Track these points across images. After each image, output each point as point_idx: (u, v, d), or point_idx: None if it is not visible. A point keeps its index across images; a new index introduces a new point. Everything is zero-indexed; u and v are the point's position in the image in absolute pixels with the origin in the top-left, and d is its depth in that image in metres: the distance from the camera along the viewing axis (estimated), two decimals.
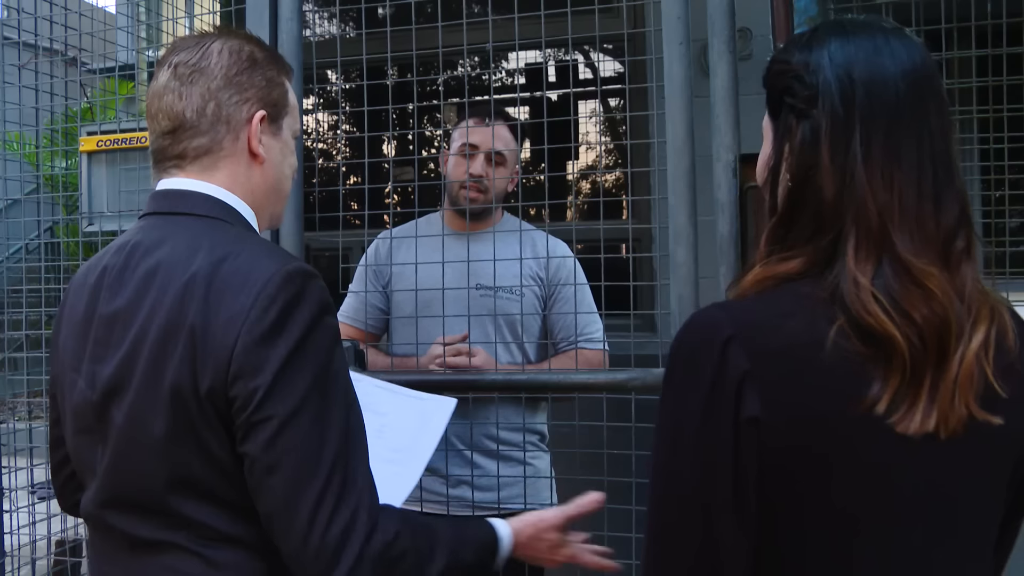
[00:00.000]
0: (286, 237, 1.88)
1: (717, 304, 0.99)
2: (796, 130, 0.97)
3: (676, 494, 0.93)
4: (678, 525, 0.93)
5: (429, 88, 3.97)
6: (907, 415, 0.89)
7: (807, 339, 0.90)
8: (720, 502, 0.90)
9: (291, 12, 1.90)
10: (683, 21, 1.72)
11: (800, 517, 0.91)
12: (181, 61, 1.30)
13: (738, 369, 0.90)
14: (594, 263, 2.02)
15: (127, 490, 1.22)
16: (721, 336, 0.92)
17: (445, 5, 1.96)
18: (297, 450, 1.13)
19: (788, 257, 0.97)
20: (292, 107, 1.40)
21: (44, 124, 2.78)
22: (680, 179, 1.72)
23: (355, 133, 3.21)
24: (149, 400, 1.18)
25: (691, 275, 1.72)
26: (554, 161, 3.57)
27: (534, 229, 2.31)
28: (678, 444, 0.93)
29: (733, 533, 0.91)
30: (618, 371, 1.80)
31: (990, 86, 2.21)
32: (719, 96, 1.69)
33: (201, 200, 1.28)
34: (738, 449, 0.90)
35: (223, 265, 1.18)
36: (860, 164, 0.93)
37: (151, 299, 1.19)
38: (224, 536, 1.19)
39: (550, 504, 2.30)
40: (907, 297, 0.89)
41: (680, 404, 0.94)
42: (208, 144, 1.30)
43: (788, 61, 1.00)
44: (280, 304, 1.15)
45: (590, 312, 2.22)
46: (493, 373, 1.99)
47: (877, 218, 0.91)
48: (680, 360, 0.95)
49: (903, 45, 0.97)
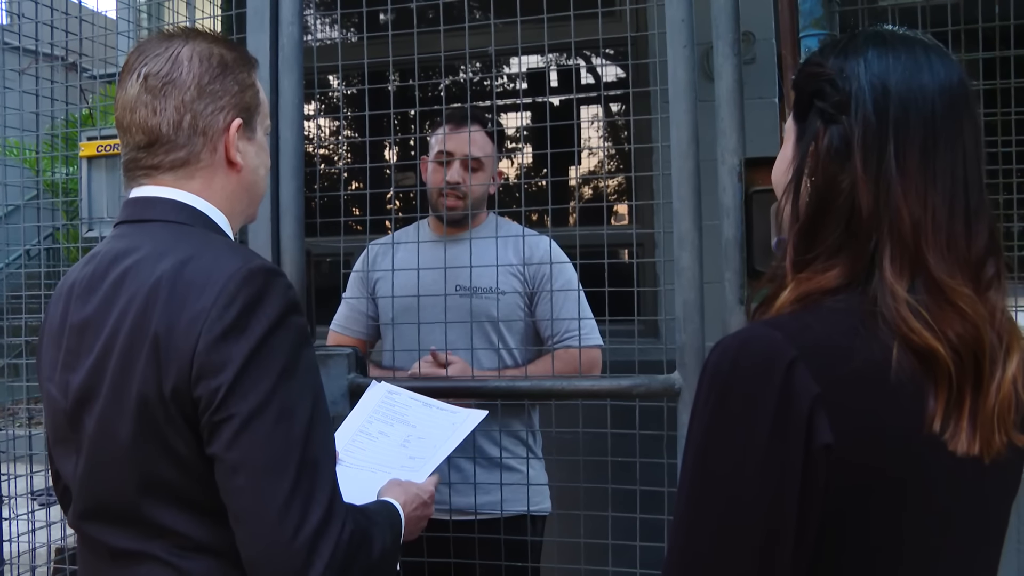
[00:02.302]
0: (287, 242, 1.86)
1: (766, 323, 0.93)
2: (823, 135, 0.95)
3: (731, 526, 0.87)
4: (728, 558, 0.87)
5: (430, 93, 3.96)
6: (955, 434, 0.87)
7: (872, 357, 0.87)
8: (784, 534, 0.85)
9: (292, 16, 1.89)
10: (687, 24, 1.71)
11: (867, 541, 0.88)
12: (151, 72, 1.28)
13: (808, 393, 0.85)
14: (597, 268, 2.00)
15: (102, 499, 1.22)
16: (784, 358, 0.86)
17: (446, 10, 1.95)
18: (262, 448, 1.12)
19: (823, 269, 0.93)
20: (263, 105, 1.40)
21: (44, 129, 2.77)
22: (684, 183, 1.71)
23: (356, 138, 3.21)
24: (117, 406, 1.18)
25: (696, 280, 1.70)
26: (556, 166, 3.55)
27: (528, 233, 2.28)
28: (736, 475, 0.87)
29: (789, 566, 0.86)
30: (622, 377, 1.78)
31: (998, 88, 2.19)
32: (723, 99, 1.68)
33: (171, 207, 1.28)
34: (807, 478, 0.85)
35: (186, 268, 1.18)
36: (896, 177, 0.90)
37: (119, 307, 1.20)
38: (197, 544, 1.19)
39: (548, 511, 2.29)
40: (941, 315, 0.87)
41: (738, 433, 0.87)
42: (185, 157, 1.29)
43: (822, 64, 0.98)
44: (241, 302, 1.15)
45: (581, 310, 2.20)
46: (496, 380, 1.98)
47: (911, 234, 0.89)
48: (734, 385, 0.89)
49: (942, 63, 0.95)
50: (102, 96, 2.94)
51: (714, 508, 0.88)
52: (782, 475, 0.85)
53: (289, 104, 1.88)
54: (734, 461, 0.87)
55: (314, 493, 1.14)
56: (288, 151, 1.87)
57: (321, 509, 1.13)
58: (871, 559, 0.88)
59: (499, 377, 2.06)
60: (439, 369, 2.07)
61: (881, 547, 0.88)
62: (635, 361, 1.86)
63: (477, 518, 2.08)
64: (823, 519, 0.86)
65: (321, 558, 1.12)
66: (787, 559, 0.85)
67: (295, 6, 1.89)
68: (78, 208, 2.55)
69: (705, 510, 0.89)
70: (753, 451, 0.86)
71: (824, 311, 0.92)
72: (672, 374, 1.70)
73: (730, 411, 0.88)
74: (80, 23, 2.67)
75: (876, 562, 0.88)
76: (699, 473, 0.90)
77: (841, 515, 0.86)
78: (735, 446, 0.87)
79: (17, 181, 2.94)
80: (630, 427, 1.83)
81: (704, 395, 0.91)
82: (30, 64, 2.60)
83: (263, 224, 1.85)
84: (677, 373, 1.69)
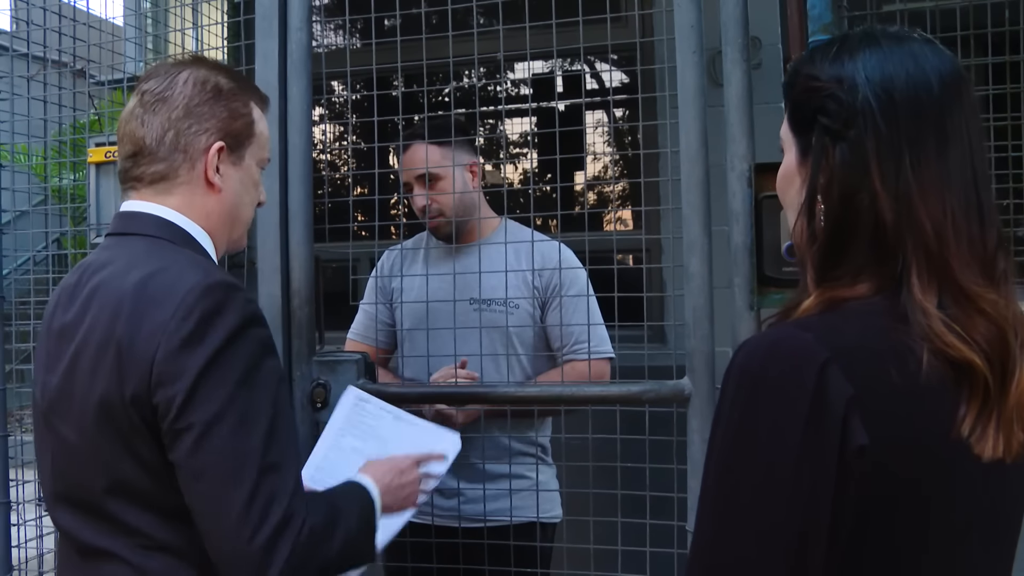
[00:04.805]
0: (296, 247, 1.86)
1: (795, 323, 0.92)
2: (833, 153, 0.92)
3: (764, 530, 0.85)
4: (758, 562, 0.85)
5: (435, 99, 3.96)
6: (982, 438, 0.86)
7: (903, 361, 0.86)
8: (816, 537, 0.84)
9: (300, 22, 1.89)
10: (696, 29, 1.70)
11: (892, 544, 0.87)
12: (148, 89, 1.38)
13: (842, 395, 0.83)
14: (605, 274, 2.00)
15: (72, 494, 1.30)
16: (817, 359, 0.84)
17: (453, 17, 1.94)
18: (220, 455, 1.18)
19: (851, 284, 0.92)
20: (259, 137, 1.45)
21: (52, 135, 2.77)
22: (693, 189, 1.70)
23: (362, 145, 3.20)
24: (84, 410, 1.24)
25: (705, 286, 1.69)
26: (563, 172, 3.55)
27: (539, 239, 2.25)
28: (768, 477, 0.85)
29: (821, 570, 0.85)
30: (631, 383, 1.77)
31: (1008, 93, 2.18)
32: (733, 104, 1.67)
33: (150, 221, 1.35)
34: (841, 482, 0.83)
35: (151, 281, 1.25)
36: (914, 187, 0.88)
37: (91, 315, 1.27)
38: (158, 544, 1.25)
39: (558, 518, 2.29)
40: (970, 324, 0.87)
41: (771, 435, 0.86)
42: (164, 170, 1.36)
43: (817, 77, 0.95)
44: (198, 314, 1.21)
45: (592, 318, 2.19)
46: (504, 386, 1.98)
47: (935, 243, 0.88)
48: (765, 386, 0.87)
49: (935, 54, 0.93)
50: (109, 102, 2.94)
51: (744, 511, 0.86)
52: (817, 478, 0.83)
53: (298, 110, 1.87)
54: (766, 463, 0.86)
55: (275, 495, 1.19)
56: (297, 156, 1.86)
57: (280, 509, 1.19)
58: (894, 562, 0.87)
59: (507, 383, 2.05)
60: None
61: (905, 550, 0.87)
62: (644, 367, 1.85)
63: (487, 525, 2.07)
64: (857, 523, 0.85)
65: (280, 556, 1.18)
66: (819, 563, 0.84)
67: (304, 12, 1.89)
68: (85, 214, 2.55)
69: (734, 513, 0.87)
70: (785, 453, 0.84)
71: (851, 314, 0.90)
72: (682, 379, 1.70)
73: (761, 413, 0.87)
74: (88, 29, 2.67)
75: (899, 565, 0.88)
76: (727, 475, 0.88)
77: (867, 517, 0.85)
78: (766, 448, 0.86)
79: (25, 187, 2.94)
80: (640, 433, 1.83)
81: (731, 396, 0.89)
82: (38, 71, 2.60)
83: (272, 229, 1.85)
84: (687, 379, 1.69)
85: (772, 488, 0.85)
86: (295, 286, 1.86)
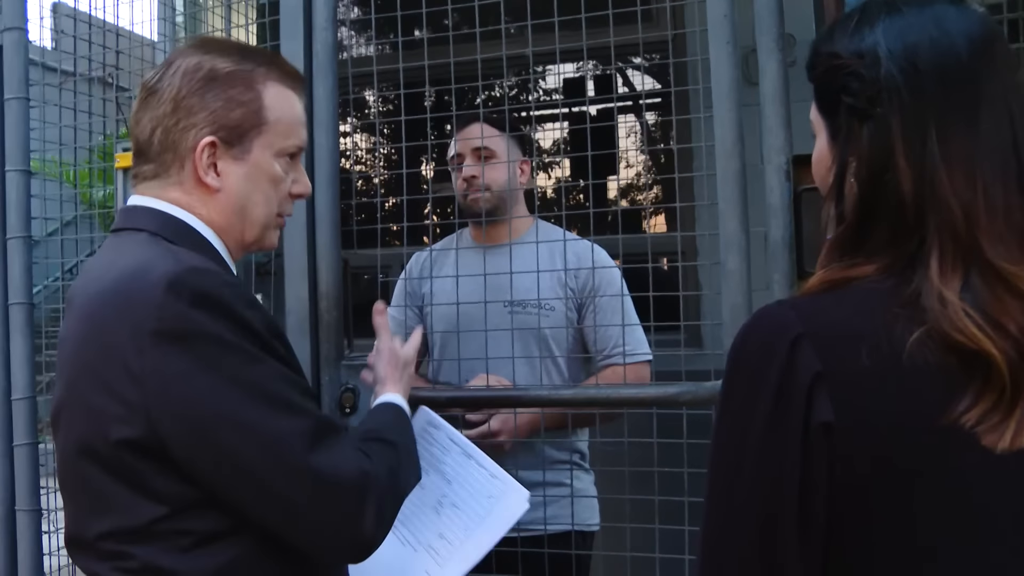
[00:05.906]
0: (323, 249, 1.83)
1: (784, 300, 0.91)
2: (860, 132, 0.88)
3: (735, 512, 0.85)
4: (736, 548, 0.85)
5: (464, 102, 3.94)
6: (997, 429, 0.81)
7: (885, 341, 0.82)
8: (786, 520, 0.82)
9: (326, 22, 1.86)
10: (729, 19, 1.65)
11: (870, 532, 0.83)
12: (146, 82, 1.29)
13: (809, 371, 0.82)
14: (640, 274, 1.94)
15: None
16: (789, 334, 0.84)
17: (481, 19, 1.91)
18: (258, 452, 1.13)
19: (860, 263, 0.88)
20: (273, 124, 1.30)
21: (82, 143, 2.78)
22: (729, 183, 1.65)
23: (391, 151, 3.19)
24: (75, 417, 1.19)
25: (744, 284, 1.64)
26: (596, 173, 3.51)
27: (570, 238, 2.22)
28: (739, 457, 0.85)
29: (797, 556, 0.82)
30: (668, 385, 1.71)
31: None
32: (768, 96, 1.62)
33: (144, 213, 1.27)
34: (807, 460, 0.82)
35: (121, 280, 1.16)
36: (940, 162, 0.84)
37: (75, 320, 1.22)
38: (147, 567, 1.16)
39: (597, 527, 2.23)
40: (1000, 307, 0.81)
41: (742, 410, 0.86)
42: (155, 170, 1.28)
43: (838, 54, 0.91)
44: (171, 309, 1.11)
45: (628, 318, 2.14)
46: (538, 388, 1.93)
47: (963, 221, 0.83)
48: (742, 361, 0.87)
49: (964, 18, 0.87)
50: None
51: (721, 488, 0.87)
52: (782, 455, 0.83)
53: (324, 110, 1.85)
54: (737, 440, 0.86)
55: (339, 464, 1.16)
56: (323, 157, 1.84)
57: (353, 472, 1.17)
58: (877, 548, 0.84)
59: (540, 385, 2.01)
60: None
61: (888, 538, 0.83)
62: (681, 370, 1.80)
63: (520, 535, 2.02)
64: (830, 504, 0.83)
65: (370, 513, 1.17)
66: (791, 542, 0.82)
67: (328, 11, 1.86)
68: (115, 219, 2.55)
69: (715, 490, 0.88)
70: (754, 429, 0.84)
71: (849, 293, 0.88)
72: (720, 381, 1.64)
73: (736, 389, 0.87)
74: (117, 38, 2.67)
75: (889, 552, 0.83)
76: (711, 453, 0.89)
77: (843, 502, 0.83)
78: (738, 425, 0.86)
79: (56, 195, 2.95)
80: (677, 436, 1.77)
81: (723, 375, 0.90)
82: (66, 79, 2.60)
83: (298, 232, 1.82)
84: None
85: (741, 470, 0.85)
86: (323, 289, 1.83)
